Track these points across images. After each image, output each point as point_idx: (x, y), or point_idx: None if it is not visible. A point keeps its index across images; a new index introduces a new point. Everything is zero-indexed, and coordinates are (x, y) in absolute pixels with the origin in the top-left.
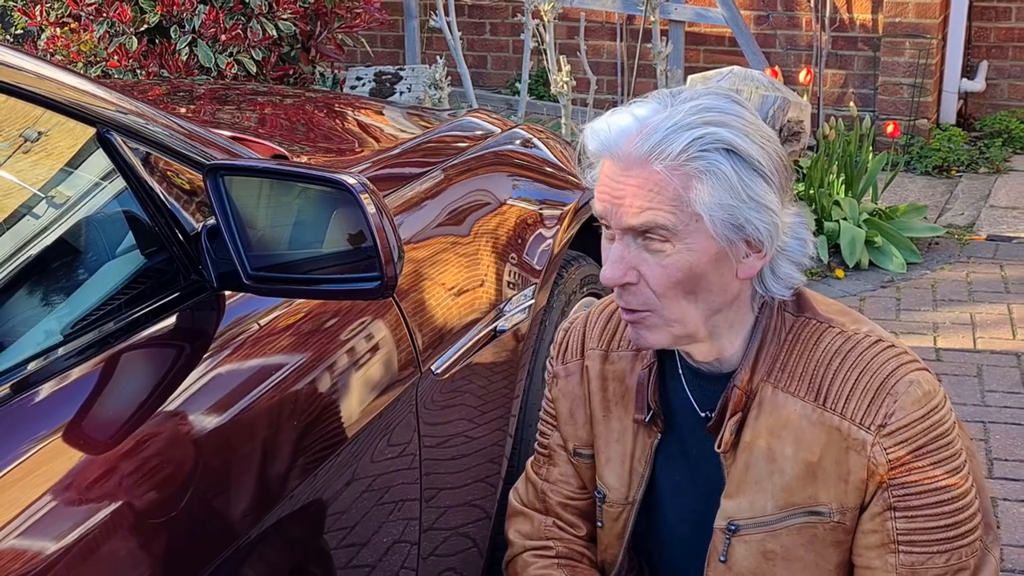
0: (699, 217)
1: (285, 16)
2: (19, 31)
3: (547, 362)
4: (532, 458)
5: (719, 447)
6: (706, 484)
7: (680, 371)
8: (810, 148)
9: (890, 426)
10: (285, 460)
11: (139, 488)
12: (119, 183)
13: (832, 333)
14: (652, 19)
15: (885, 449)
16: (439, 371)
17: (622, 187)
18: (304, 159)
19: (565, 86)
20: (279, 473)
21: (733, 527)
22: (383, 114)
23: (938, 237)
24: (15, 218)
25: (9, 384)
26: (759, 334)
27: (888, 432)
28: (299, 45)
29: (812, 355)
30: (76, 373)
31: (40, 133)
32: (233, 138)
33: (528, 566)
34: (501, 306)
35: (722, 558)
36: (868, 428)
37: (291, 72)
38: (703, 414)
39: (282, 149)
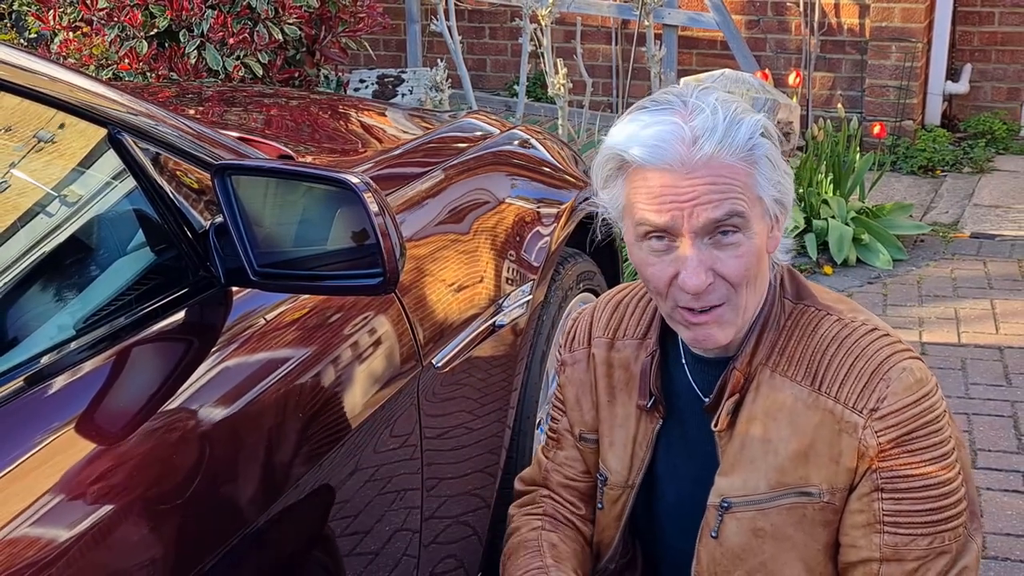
0: (760, 200)
1: (291, 21)
2: (33, 35)
3: (556, 350)
4: (542, 444)
5: (715, 425)
6: (704, 466)
7: (683, 358)
8: (799, 149)
9: (882, 410)
10: (291, 451)
11: (149, 477)
12: (130, 182)
13: (830, 320)
14: (646, 23)
15: (876, 432)
16: (440, 364)
17: (689, 190)
18: (309, 159)
19: (562, 88)
20: (285, 463)
21: (726, 504)
22: (385, 115)
23: (923, 235)
24: (29, 216)
25: (24, 377)
26: (760, 320)
27: (880, 416)
28: (304, 49)
29: (810, 341)
30: (88, 366)
31: (53, 134)
32: (240, 139)
33: (513, 521)
34: (500, 301)
35: (713, 534)
36: (860, 412)
37: (296, 75)
38: (705, 398)
39: (288, 149)
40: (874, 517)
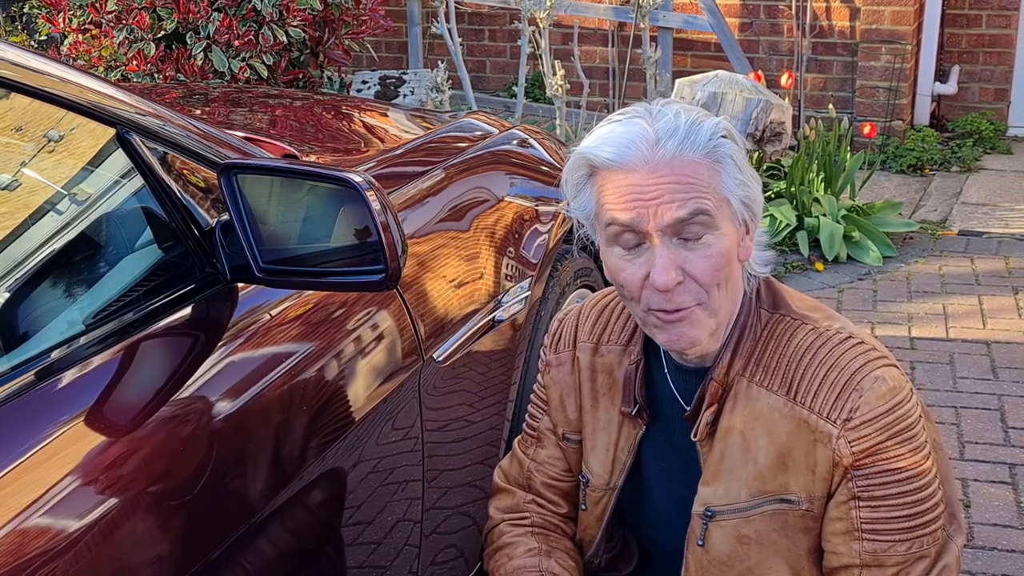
0: (726, 201)
1: (295, 23)
2: (43, 37)
3: (541, 350)
4: (519, 437)
5: (695, 436)
6: (690, 469)
7: (665, 367)
8: (791, 148)
9: (855, 420)
10: (295, 443)
11: (157, 470)
12: (138, 181)
13: (805, 330)
14: (642, 26)
15: (849, 442)
16: (440, 359)
17: (654, 188)
18: (313, 158)
19: (560, 89)
20: (290, 456)
21: (710, 513)
22: (387, 116)
23: (912, 232)
24: (40, 214)
25: (34, 371)
26: (736, 330)
27: (853, 426)
28: (308, 50)
29: (785, 351)
30: (97, 361)
31: (63, 134)
32: (246, 138)
33: (503, 534)
34: (499, 297)
35: (700, 542)
36: (834, 422)
37: (300, 76)
38: (687, 406)
39: (292, 149)
40: (852, 525)
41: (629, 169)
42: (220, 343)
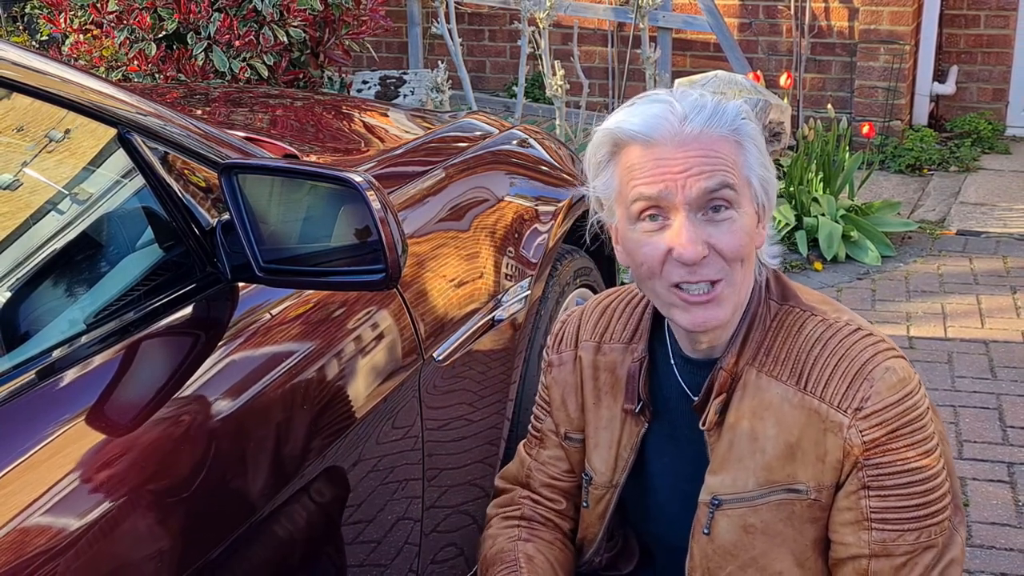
0: (748, 181)
1: (295, 23)
2: (44, 37)
3: (544, 351)
4: (525, 439)
5: (703, 425)
6: (695, 464)
7: (672, 359)
8: (790, 148)
9: (866, 410)
10: (296, 442)
11: (158, 469)
12: (139, 181)
13: (814, 321)
14: (641, 26)
15: (860, 431)
16: (440, 358)
17: (682, 161)
18: (313, 158)
19: (559, 89)
20: (290, 454)
21: (716, 502)
22: (387, 116)
23: (911, 232)
24: (41, 214)
25: (36, 370)
26: (746, 320)
27: (864, 415)
28: (308, 51)
29: (795, 341)
30: (98, 360)
31: (64, 134)
32: (246, 138)
33: (492, 526)
34: (499, 297)
35: (705, 531)
36: (845, 411)
37: (301, 76)
38: (695, 398)
39: (292, 149)
40: (862, 515)
41: (656, 143)
42: (221, 342)
